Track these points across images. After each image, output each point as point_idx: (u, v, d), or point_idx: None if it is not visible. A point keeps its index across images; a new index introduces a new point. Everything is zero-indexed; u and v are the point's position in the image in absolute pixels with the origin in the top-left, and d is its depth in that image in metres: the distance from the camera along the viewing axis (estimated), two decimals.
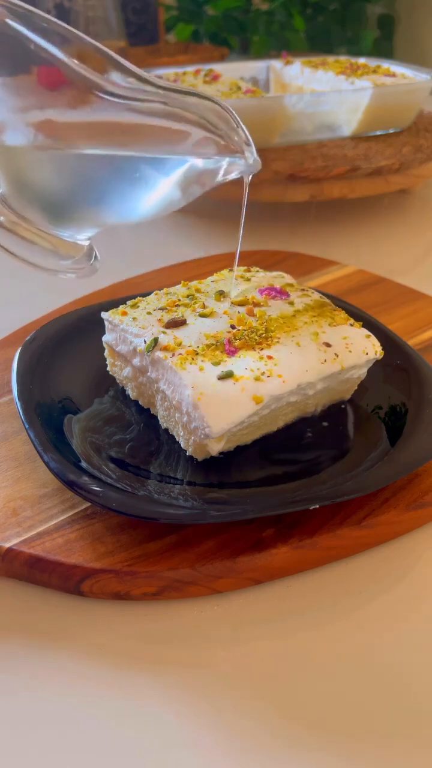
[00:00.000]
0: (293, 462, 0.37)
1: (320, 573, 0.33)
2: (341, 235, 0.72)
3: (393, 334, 0.44)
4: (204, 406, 0.33)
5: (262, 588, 0.32)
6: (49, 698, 0.28)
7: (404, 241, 0.72)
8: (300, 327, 0.38)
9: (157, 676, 0.29)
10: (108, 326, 0.40)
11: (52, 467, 0.33)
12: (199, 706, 0.28)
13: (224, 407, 0.33)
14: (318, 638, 0.30)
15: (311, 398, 0.38)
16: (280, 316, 0.38)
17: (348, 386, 0.40)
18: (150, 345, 0.36)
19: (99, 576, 0.31)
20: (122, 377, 0.41)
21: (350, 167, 0.68)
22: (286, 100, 0.73)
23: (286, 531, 0.33)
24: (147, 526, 0.33)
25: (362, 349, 0.38)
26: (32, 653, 0.30)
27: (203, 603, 0.32)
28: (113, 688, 0.28)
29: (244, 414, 0.34)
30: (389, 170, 0.70)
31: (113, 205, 0.36)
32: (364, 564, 0.34)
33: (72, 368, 0.43)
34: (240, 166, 0.35)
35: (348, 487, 0.33)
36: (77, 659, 0.30)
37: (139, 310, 0.39)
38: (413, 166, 0.72)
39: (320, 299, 0.41)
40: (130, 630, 0.31)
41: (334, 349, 0.37)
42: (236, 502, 0.33)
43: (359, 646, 0.30)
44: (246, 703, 0.28)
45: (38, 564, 0.31)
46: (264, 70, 0.95)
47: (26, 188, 0.35)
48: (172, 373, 0.35)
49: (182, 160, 0.34)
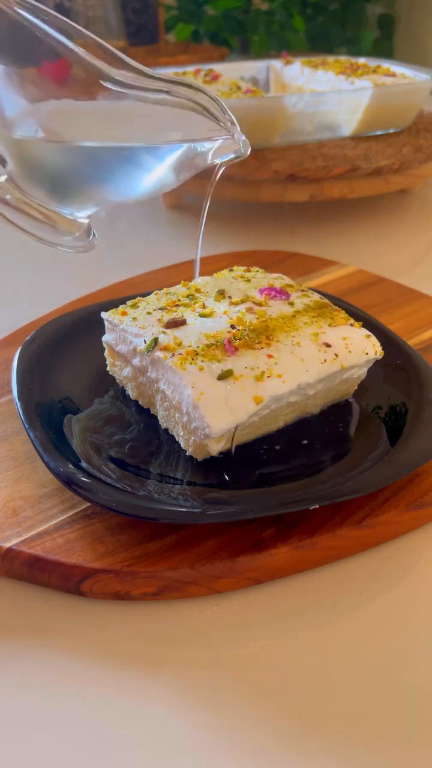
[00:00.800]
0: (293, 462, 0.37)
1: (320, 573, 0.33)
2: (341, 235, 0.72)
3: (393, 334, 0.44)
4: (204, 406, 0.33)
5: (262, 588, 0.32)
6: (48, 698, 0.28)
7: (404, 240, 0.72)
8: (300, 327, 0.38)
9: (157, 676, 0.29)
10: (108, 326, 0.40)
11: (51, 467, 0.33)
12: (199, 706, 0.28)
13: (224, 407, 0.33)
14: (318, 638, 0.30)
15: (311, 398, 0.38)
16: (280, 317, 0.38)
17: (348, 386, 0.40)
18: (150, 345, 0.36)
19: (99, 576, 0.31)
20: (122, 377, 0.41)
21: (350, 167, 0.68)
22: (286, 100, 0.73)
23: (286, 531, 0.33)
24: (147, 526, 0.33)
25: (362, 349, 0.38)
26: (32, 653, 0.30)
27: (203, 603, 0.32)
28: (113, 688, 0.28)
29: (245, 414, 0.34)
30: (389, 170, 0.70)
31: (113, 187, 0.38)
32: (364, 564, 0.34)
33: (72, 368, 0.43)
34: (232, 145, 0.37)
35: (348, 487, 0.33)
36: (77, 659, 0.30)
37: (139, 310, 0.39)
38: (413, 166, 0.72)
39: (320, 300, 0.41)
40: (130, 630, 0.31)
41: (334, 350, 0.37)
42: (236, 502, 0.33)
43: (359, 645, 0.30)
44: (247, 704, 0.28)
45: (38, 564, 0.31)
46: (264, 70, 0.95)
47: (32, 171, 0.36)
48: (172, 373, 0.35)
49: (180, 144, 0.36)
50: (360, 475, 0.34)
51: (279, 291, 0.41)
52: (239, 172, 0.68)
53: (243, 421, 0.34)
